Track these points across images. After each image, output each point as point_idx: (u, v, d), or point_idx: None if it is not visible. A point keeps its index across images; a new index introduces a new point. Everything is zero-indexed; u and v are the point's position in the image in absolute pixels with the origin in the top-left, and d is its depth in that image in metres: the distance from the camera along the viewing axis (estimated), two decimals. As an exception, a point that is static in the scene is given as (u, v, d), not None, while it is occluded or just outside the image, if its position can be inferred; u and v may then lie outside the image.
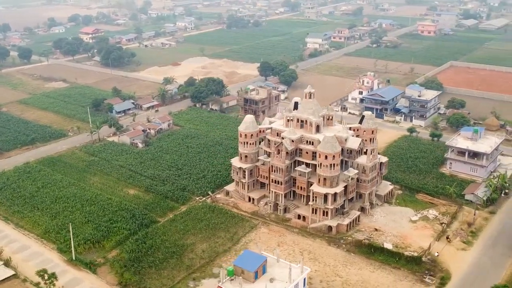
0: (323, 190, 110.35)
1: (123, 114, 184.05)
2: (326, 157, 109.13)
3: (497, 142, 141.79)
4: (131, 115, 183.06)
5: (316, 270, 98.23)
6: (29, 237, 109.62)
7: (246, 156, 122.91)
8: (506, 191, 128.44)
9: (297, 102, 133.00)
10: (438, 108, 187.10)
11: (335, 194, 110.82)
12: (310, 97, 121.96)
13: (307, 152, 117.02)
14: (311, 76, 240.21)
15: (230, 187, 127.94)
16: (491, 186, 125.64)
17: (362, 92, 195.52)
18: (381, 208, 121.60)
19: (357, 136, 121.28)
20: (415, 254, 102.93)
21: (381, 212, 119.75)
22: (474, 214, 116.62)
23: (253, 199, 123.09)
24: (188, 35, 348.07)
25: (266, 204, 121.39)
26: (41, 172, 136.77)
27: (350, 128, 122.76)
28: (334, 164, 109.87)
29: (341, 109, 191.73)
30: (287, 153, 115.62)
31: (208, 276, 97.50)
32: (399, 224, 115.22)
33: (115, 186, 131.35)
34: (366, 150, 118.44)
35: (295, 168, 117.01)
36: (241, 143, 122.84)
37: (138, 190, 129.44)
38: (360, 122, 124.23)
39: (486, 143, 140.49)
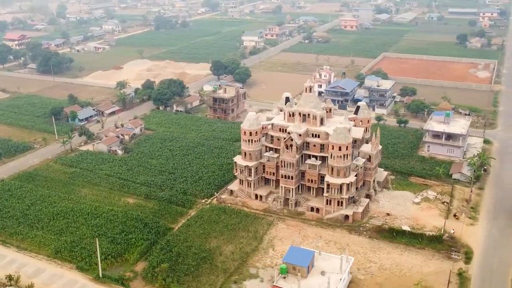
0: (338, 180, 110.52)
1: (85, 121, 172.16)
2: (339, 148, 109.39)
3: (467, 123, 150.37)
4: (94, 122, 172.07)
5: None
6: (38, 259, 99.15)
7: (250, 154, 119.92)
8: (485, 168, 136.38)
9: (288, 97, 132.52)
10: (394, 97, 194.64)
11: (350, 183, 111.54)
12: (310, 91, 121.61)
13: (314, 145, 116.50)
14: (260, 73, 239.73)
15: (234, 186, 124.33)
16: (474, 164, 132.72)
17: (321, 85, 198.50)
18: (382, 193, 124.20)
19: (354, 126, 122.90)
20: (433, 233, 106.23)
21: (385, 198, 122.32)
22: (471, 191, 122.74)
23: (260, 196, 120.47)
24: (118, 38, 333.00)
25: (274, 200, 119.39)
26: (23, 189, 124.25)
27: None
28: (347, 155, 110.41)
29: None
30: (296, 147, 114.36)
31: (247, 277, 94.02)
32: (405, 207, 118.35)
33: (111, 196, 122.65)
34: (368, 139, 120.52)
35: (306, 161, 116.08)
36: (245, 141, 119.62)
37: (137, 199, 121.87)
38: (355, 113, 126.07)
39: (458, 125, 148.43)
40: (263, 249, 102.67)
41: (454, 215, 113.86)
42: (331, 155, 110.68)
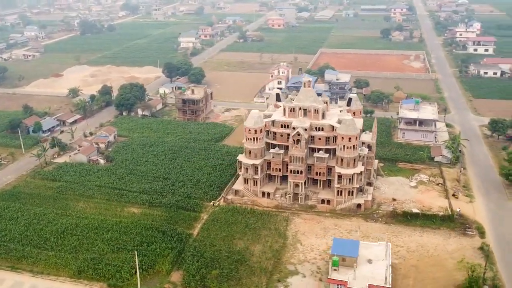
0: (350, 171, 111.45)
1: (49, 132, 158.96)
2: (349, 139, 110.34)
3: (434, 110, 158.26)
4: (58, 132, 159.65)
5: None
6: (61, 281, 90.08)
7: (256, 152, 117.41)
8: (459, 149, 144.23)
9: (278, 94, 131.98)
10: (350, 89, 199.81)
11: (360, 172, 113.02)
12: (309, 86, 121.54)
13: (319, 138, 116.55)
14: (209, 73, 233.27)
15: (238, 186, 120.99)
16: (452, 147, 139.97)
17: (280, 82, 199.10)
18: (379, 181, 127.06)
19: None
20: (444, 213, 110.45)
21: (383, 184, 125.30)
22: (461, 171, 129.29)
23: (268, 193, 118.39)
24: (45, 44, 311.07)
25: (282, 196, 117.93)
26: (11, 209, 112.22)
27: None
28: (355, 145, 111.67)
29: (267, 99, 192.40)
30: (305, 142, 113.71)
31: (288, 274, 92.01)
32: (405, 192, 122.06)
33: (111, 208, 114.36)
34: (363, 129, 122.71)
35: (314, 155, 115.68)
36: (250, 139, 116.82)
37: (141, 207, 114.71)
38: (348, 105, 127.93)
39: (427, 111, 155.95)
40: (291, 245, 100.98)
41: (453, 195, 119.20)
42: (341, 146, 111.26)
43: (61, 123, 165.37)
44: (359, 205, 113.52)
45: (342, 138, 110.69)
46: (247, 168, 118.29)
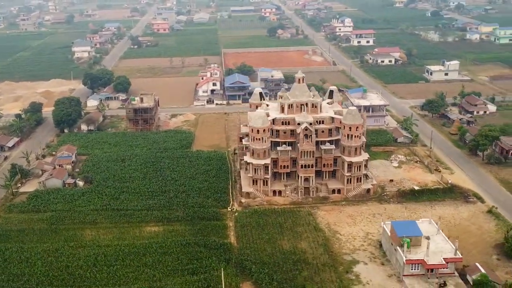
0: (359, 158, 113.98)
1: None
2: (356, 128, 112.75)
3: (379, 96, 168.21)
4: (2, 159, 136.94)
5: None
6: (128, 318, 78.35)
7: (264, 152, 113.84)
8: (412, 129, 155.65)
9: (261, 93, 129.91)
10: (284, 85, 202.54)
11: (368, 159, 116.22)
12: (303, 82, 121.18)
13: (323, 131, 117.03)
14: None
15: (247, 188, 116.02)
16: (409, 128, 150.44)
17: (215, 83, 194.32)
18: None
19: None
20: (442, 186, 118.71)
21: (371, 168, 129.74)
22: (431, 148, 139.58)
23: (279, 191, 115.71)
24: None
25: (292, 192, 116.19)
26: (11, 250, 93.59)
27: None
28: (360, 134, 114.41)
29: (207, 102, 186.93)
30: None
31: (351, 264, 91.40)
32: (394, 172, 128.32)
33: (126, 230, 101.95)
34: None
35: (322, 147, 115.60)
36: (259, 139, 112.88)
37: (158, 225, 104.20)
38: (329, 97, 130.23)
39: (374, 98, 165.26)
40: (332, 237, 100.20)
41: (436, 169, 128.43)
42: (348, 136, 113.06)
43: (0, 148, 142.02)
44: (368, 190, 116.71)
45: (350, 128, 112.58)
46: (256, 169, 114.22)
